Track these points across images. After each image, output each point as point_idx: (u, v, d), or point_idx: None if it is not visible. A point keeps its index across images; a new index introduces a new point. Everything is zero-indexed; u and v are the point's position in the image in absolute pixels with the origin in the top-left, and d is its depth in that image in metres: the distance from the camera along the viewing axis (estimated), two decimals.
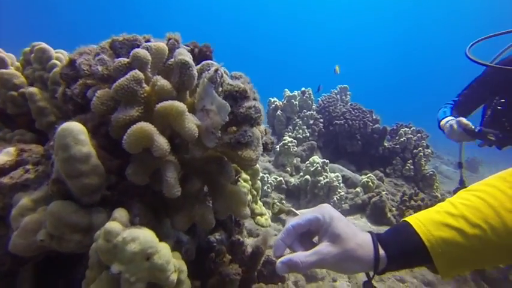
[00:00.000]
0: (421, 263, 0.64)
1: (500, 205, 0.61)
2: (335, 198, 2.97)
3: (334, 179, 3.01)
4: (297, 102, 4.18)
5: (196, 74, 0.74)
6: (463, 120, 2.13)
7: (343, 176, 3.40)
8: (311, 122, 4.16)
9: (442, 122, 2.46)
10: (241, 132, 0.72)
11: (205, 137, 0.72)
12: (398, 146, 4.14)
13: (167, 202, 0.81)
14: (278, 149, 3.52)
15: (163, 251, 0.65)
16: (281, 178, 3.14)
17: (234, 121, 0.76)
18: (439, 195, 3.87)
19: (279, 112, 4.21)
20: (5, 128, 1.13)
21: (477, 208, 0.62)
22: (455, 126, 2.15)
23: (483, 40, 2.23)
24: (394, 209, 3.17)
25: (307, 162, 3.13)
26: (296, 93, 4.20)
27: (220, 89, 0.78)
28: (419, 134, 4.23)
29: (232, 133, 0.75)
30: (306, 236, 0.66)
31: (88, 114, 0.79)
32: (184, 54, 0.74)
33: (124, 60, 0.75)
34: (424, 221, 0.63)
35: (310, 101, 4.27)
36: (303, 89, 4.24)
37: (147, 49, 0.78)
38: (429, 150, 4.18)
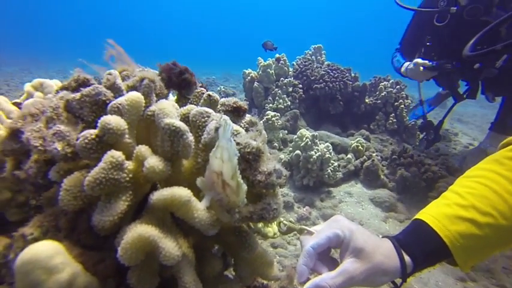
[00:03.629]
0: (441, 260, 0.64)
1: (503, 189, 0.62)
2: (329, 170, 2.93)
3: (325, 150, 2.94)
4: (272, 71, 3.94)
5: (193, 140, 0.56)
6: (419, 60, 2.43)
7: (332, 144, 3.35)
8: (290, 89, 3.97)
9: (402, 69, 2.82)
10: (265, 207, 0.57)
11: (219, 213, 0.57)
12: (379, 101, 4.10)
13: None
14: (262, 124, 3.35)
15: None
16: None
17: (249, 186, 0.60)
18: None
19: (256, 84, 3.97)
20: None
21: (483, 195, 0.63)
22: (413, 67, 2.46)
23: None
24: (384, 168, 3.20)
25: (296, 136, 3.01)
26: (270, 61, 3.94)
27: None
28: (398, 86, 4.18)
29: (251, 202, 0.60)
30: (324, 253, 0.62)
31: (57, 206, 0.60)
32: (171, 114, 0.55)
33: (91, 133, 0.54)
34: (438, 217, 0.63)
35: (286, 68, 4.04)
36: (277, 55, 3.98)
37: (117, 109, 0.57)
38: (409, 101, 4.18)
